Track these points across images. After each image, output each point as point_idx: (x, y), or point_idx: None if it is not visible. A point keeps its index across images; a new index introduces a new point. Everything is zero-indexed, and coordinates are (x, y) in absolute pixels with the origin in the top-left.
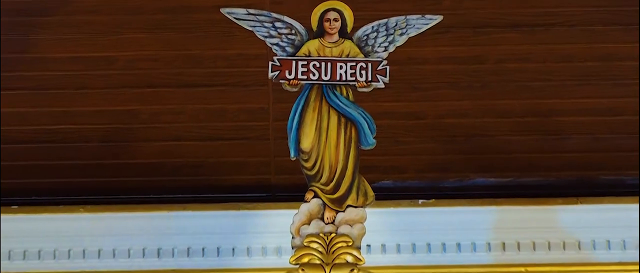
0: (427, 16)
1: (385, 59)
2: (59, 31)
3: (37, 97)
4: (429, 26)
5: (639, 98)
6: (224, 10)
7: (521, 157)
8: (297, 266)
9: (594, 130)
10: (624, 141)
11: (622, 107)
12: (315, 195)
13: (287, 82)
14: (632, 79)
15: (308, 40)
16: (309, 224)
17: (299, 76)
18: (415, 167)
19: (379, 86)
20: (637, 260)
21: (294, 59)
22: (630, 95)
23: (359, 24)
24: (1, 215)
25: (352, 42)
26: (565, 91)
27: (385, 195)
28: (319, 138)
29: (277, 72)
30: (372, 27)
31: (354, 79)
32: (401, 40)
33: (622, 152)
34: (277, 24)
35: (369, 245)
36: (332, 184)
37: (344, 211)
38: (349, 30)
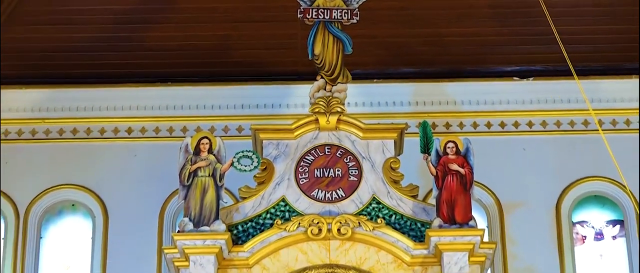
0: None
1: (357, 8)
2: None
3: (176, 28)
4: None
5: (489, 27)
6: None
7: (426, 57)
8: (312, 114)
9: (465, 43)
10: (484, 49)
11: (480, 32)
12: (322, 77)
13: (307, 19)
14: (486, 18)
15: None
16: (318, 92)
17: (313, 16)
18: (372, 62)
19: (353, 22)
20: (498, 110)
21: (310, 7)
22: (483, 26)
23: None
24: (146, 87)
25: None
26: (448, 22)
27: (356, 77)
28: (323, 48)
29: (302, 14)
30: None
31: (341, 18)
32: None
33: (483, 55)
34: None
35: (348, 102)
36: (330, 71)
37: (336, 85)
38: None
